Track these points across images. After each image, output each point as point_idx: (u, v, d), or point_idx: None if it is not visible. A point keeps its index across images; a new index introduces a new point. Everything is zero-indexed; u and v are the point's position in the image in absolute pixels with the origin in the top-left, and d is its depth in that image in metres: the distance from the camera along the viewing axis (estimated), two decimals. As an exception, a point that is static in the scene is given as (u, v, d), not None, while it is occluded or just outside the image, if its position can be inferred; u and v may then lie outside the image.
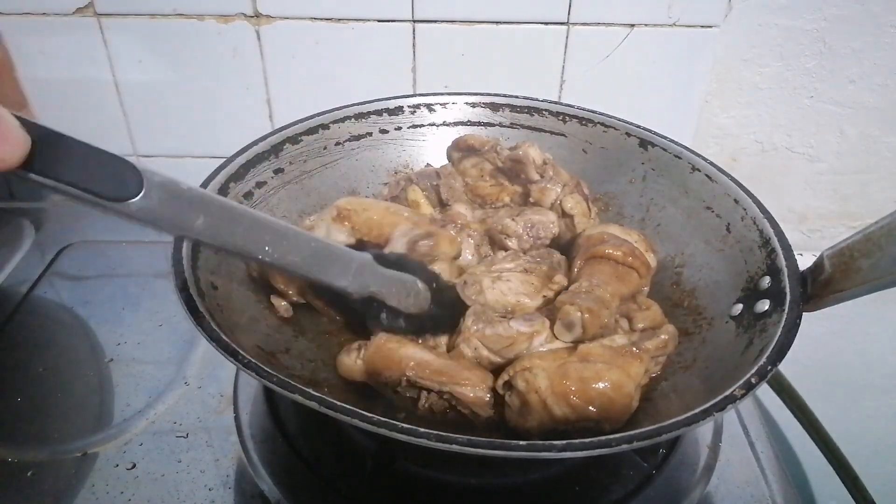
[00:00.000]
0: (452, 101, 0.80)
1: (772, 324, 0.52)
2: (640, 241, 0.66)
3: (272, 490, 0.59)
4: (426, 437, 0.41)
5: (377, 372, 0.55)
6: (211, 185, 0.62)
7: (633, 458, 0.62)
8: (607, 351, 0.53)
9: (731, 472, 0.64)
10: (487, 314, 0.57)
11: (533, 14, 0.88)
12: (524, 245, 0.68)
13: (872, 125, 0.97)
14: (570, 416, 0.50)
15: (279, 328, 0.61)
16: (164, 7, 0.87)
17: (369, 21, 0.89)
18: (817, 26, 0.88)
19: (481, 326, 0.56)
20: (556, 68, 0.92)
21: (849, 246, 0.50)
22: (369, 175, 0.79)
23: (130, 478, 0.61)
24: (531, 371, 0.51)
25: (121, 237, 0.95)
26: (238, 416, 0.66)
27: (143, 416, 0.67)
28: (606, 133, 0.77)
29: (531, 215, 0.69)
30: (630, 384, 0.51)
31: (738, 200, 0.65)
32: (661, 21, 0.88)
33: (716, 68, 0.92)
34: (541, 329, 0.56)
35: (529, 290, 0.61)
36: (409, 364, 0.54)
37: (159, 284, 0.86)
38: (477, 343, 0.56)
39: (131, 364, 0.74)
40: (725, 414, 0.63)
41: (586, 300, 0.57)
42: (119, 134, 0.99)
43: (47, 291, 0.85)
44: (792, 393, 0.88)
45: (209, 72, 0.92)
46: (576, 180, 0.74)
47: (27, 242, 0.94)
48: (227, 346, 0.47)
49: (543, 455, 0.41)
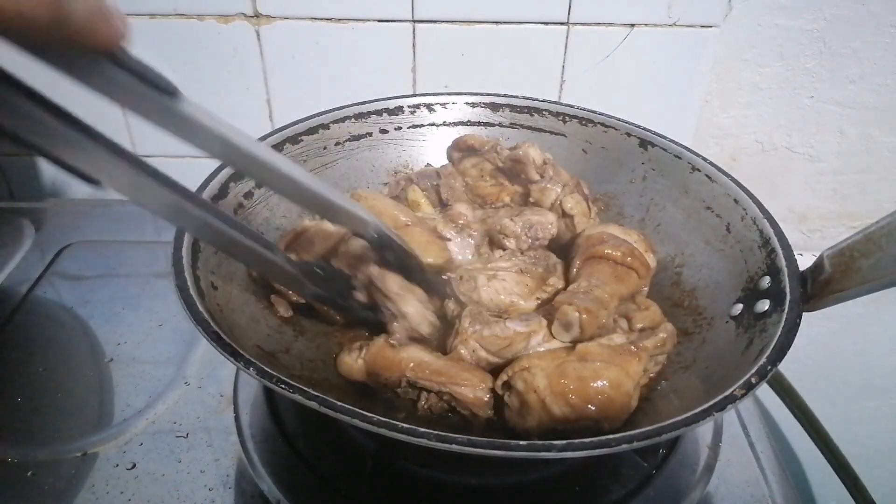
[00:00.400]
0: (452, 101, 0.80)
1: (772, 324, 0.52)
2: (640, 241, 0.66)
3: (272, 490, 0.59)
4: (426, 437, 0.41)
5: (377, 372, 0.55)
6: (211, 186, 0.63)
7: (633, 458, 0.62)
8: (606, 350, 0.53)
9: (731, 472, 0.64)
10: (483, 315, 0.57)
11: (533, 14, 0.88)
12: (522, 245, 0.68)
13: (872, 125, 0.97)
14: (569, 416, 0.50)
15: (279, 328, 0.61)
16: (164, 7, 0.87)
17: (369, 21, 0.89)
18: (817, 26, 0.88)
19: (478, 328, 0.56)
20: (556, 68, 0.92)
21: (849, 246, 0.50)
22: (369, 175, 0.79)
23: (130, 478, 0.61)
24: (530, 371, 0.52)
25: (121, 237, 0.95)
26: (238, 416, 0.66)
27: (143, 416, 0.67)
28: (606, 133, 0.77)
29: (530, 216, 0.69)
30: (629, 383, 0.51)
31: (738, 200, 0.65)
32: (661, 21, 0.88)
33: (716, 68, 0.92)
34: (538, 329, 0.56)
35: (524, 290, 0.61)
36: (408, 365, 0.54)
37: (159, 284, 0.85)
38: (475, 345, 0.56)
39: (131, 364, 0.74)
40: (725, 414, 0.63)
41: (584, 300, 0.57)
42: (119, 134, 0.99)
43: (47, 291, 0.85)
44: (792, 393, 0.88)
45: (209, 72, 0.92)
46: (576, 180, 0.74)
47: (27, 242, 0.94)
48: (227, 346, 0.47)
49: (543, 455, 0.41)
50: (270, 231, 0.68)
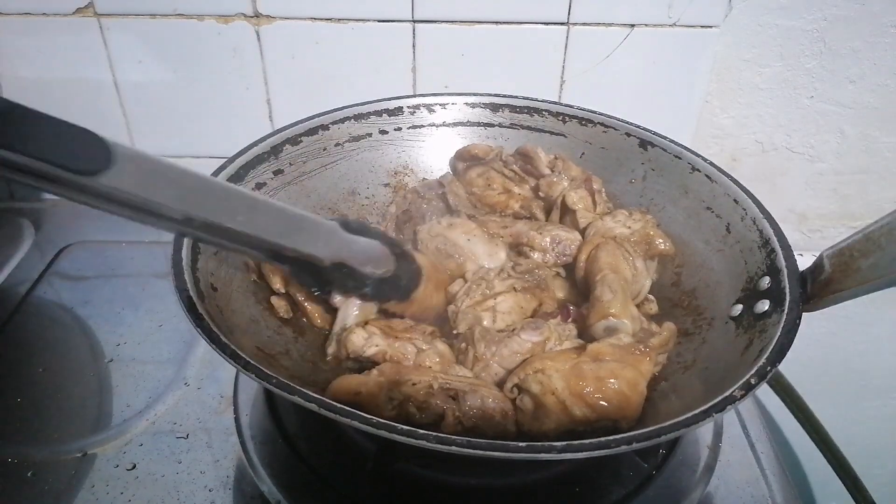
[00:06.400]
0: (452, 102, 0.80)
1: (772, 324, 0.52)
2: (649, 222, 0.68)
3: (272, 491, 0.59)
4: (426, 439, 0.41)
5: (399, 382, 0.52)
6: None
7: (633, 459, 0.62)
8: (618, 350, 0.53)
9: (732, 473, 0.64)
10: (492, 334, 0.57)
11: (533, 14, 0.88)
12: (548, 259, 0.68)
13: (872, 125, 0.96)
14: (589, 417, 0.50)
15: (279, 330, 0.61)
16: (164, 7, 0.87)
17: (369, 21, 0.88)
18: (817, 26, 0.88)
19: (495, 349, 0.56)
20: (556, 68, 0.92)
21: (849, 246, 0.50)
22: (369, 176, 0.78)
23: (130, 478, 0.61)
24: (544, 373, 0.51)
25: (121, 237, 0.95)
26: (238, 416, 0.66)
27: (142, 417, 0.67)
28: (606, 133, 0.77)
29: (559, 231, 0.69)
30: (643, 382, 0.52)
31: (738, 200, 0.65)
32: (662, 21, 0.87)
33: (716, 68, 0.92)
34: (550, 334, 0.57)
35: (526, 308, 0.62)
36: (435, 375, 0.52)
37: (159, 285, 0.85)
38: (497, 367, 0.55)
39: (131, 364, 0.74)
40: (725, 414, 0.63)
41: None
42: (119, 134, 0.99)
43: (47, 292, 0.85)
44: (792, 393, 0.88)
45: (209, 72, 0.92)
46: (586, 175, 0.74)
47: (27, 242, 0.94)
48: (227, 347, 0.47)
49: (543, 456, 0.41)
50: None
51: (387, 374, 0.53)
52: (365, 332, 0.58)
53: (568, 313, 0.63)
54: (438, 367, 0.56)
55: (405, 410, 0.50)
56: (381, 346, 0.57)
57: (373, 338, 0.57)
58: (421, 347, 0.57)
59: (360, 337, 0.57)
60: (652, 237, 0.67)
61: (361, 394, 0.51)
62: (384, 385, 0.52)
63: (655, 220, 0.69)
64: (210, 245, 0.56)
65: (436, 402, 0.50)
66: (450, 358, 0.58)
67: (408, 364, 0.56)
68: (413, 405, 0.50)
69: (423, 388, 0.51)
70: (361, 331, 0.58)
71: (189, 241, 0.55)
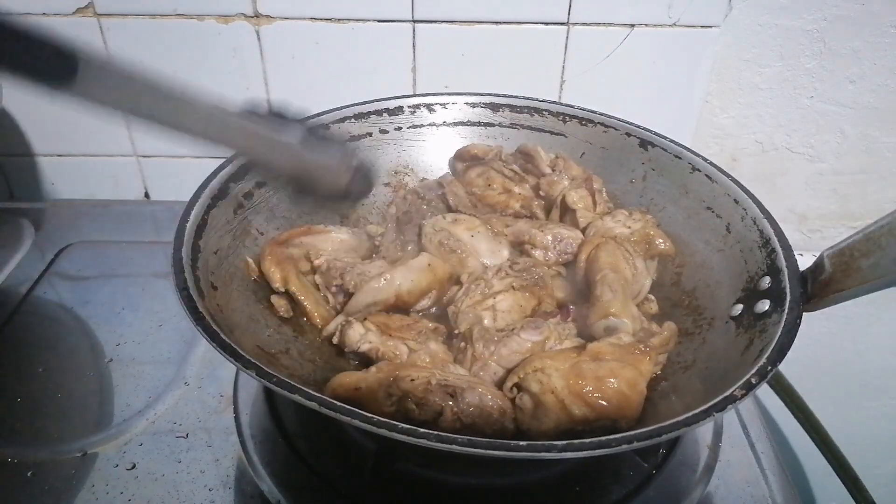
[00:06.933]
0: (452, 102, 0.80)
1: (772, 324, 0.52)
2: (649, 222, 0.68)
3: (272, 490, 0.59)
4: (426, 438, 0.41)
5: (398, 378, 0.52)
6: (211, 186, 0.62)
7: (634, 459, 0.62)
8: (618, 349, 0.53)
9: (732, 473, 0.64)
10: (490, 333, 0.57)
11: (533, 14, 0.88)
12: (549, 257, 0.68)
13: (872, 125, 0.96)
14: (588, 416, 0.50)
15: (279, 328, 0.61)
16: (164, 7, 0.87)
17: (369, 21, 0.89)
18: (817, 26, 0.88)
19: (493, 349, 0.56)
20: (556, 68, 0.92)
21: (849, 246, 0.50)
22: (369, 175, 0.78)
23: (130, 478, 0.61)
24: (544, 372, 0.51)
25: (121, 237, 0.95)
26: (238, 416, 0.66)
27: (143, 417, 0.67)
28: (606, 133, 0.77)
29: (561, 230, 0.69)
30: (642, 381, 0.52)
31: (738, 200, 0.65)
32: (662, 21, 0.88)
33: (716, 68, 0.92)
34: (549, 333, 0.56)
35: (525, 306, 0.62)
36: (433, 372, 0.52)
37: (159, 284, 0.85)
38: (496, 367, 0.55)
39: (131, 364, 0.74)
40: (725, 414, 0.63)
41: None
42: (119, 134, 0.99)
43: (47, 291, 0.85)
44: (792, 393, 0.88)
45: (209, 72, 0.92)
46: (587, 174, 0.74)
47: (27, 242, 0.94)
48: (227, 346, 0.47)
49: (544, 455, 0.41)
50: (271, 231, 0.68)
51: (385, 370, 0.53)
52: (362, 328, 0.59)
53: (568, 312, 0.63)
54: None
55: (404, 406, 0.50)
56: (374, 343, 0.58)
57: (368, 334, 0.58)
58: (413, 348, 0.57)
59: (356, 332, 0.58)
60: (652, 237, 0.67)
61: (361, 389, 0.51)
62: (383, 381, 0.52)
63: (655, 220, 0.70)
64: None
65: (434, 399, 0.50)
66: (443, 358, 0.58)
67: (399, 363, 0.56)
68: (412, 401, 0.50)
69: (422, 384, 0.51)
70: (360, 326, 0.59)
71: (189, 240, 0.56)
